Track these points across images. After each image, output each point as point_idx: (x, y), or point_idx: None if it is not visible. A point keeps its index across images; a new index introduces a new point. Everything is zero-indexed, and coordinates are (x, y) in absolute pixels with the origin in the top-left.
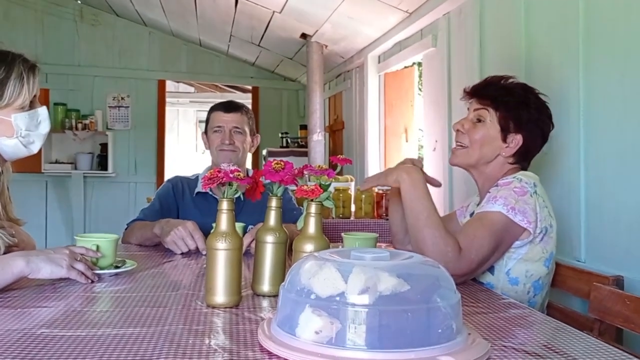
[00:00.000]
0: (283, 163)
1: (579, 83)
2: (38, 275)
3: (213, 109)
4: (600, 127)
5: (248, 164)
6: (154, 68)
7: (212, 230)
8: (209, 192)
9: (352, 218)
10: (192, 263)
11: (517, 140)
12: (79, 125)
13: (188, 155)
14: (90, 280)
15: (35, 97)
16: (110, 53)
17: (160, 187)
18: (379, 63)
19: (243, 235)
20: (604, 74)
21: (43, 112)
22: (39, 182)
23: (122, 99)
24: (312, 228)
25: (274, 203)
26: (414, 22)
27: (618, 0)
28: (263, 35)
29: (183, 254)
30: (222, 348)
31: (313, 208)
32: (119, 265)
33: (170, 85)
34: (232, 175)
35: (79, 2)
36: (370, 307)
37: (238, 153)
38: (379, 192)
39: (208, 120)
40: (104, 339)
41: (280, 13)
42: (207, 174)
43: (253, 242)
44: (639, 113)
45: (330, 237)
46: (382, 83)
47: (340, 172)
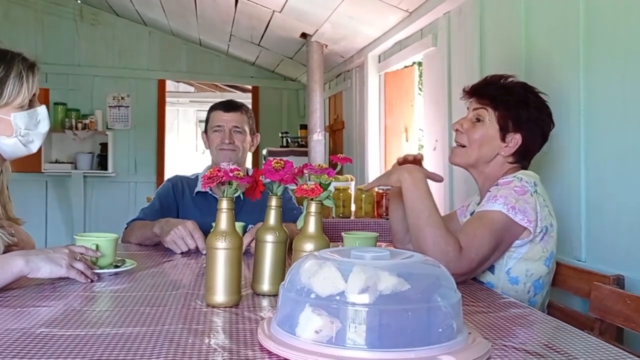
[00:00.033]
0: (283, 162)
1: (580, 83)
2: (37, 275)
3: (213, 109)
4: (601, 128)
5: (248, 164)
6: (154, 68)
7: (212, 230)
8: (209, 191)
9: (352, 217)
10: (191, 262)
11: (516, 140)
12: (79, 125)
13: (188, 155)
14: (90, 280)
15: (35, 96)
16: (110, 53)
17: (160, 186)
18: (379, 62)
19: (243, 235)
20: (605, 75)
21: (42, 111)
22: (39, 181)
23: (122, 99)
24: (312, 227)
25: (274, 202)
26: (414, 21)
27: (619, 1)
28: (263, 35)
29: (183, 254)
30: (222, 347)
31: (313, 207)
32: (119, 265)
33: (170, 85)
34: (231, 174)
35: (79, 1)
36: (371, 306)
37: (238, 152)
38: (379, 191)
39: (208, 120)
40: (104, 339)
41: (280, 12)
42: (206, 173)
43: (253, 241)
44: None
45: (330, 236)
46: (382, 82)
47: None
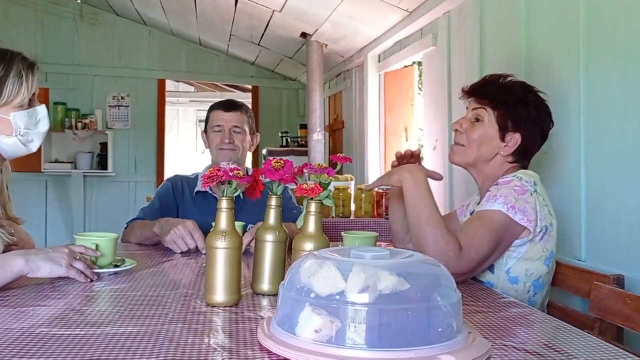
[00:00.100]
0: (283, 162)
1: (580, 83)
2: (37, 274)
3: (213, 108)
4: (601, 127)
5: (248, 164)
6: (154, 67)
7: (211, 229)
8: (209, 191)
9: (352, 217)
10: (191, 262)
11: (515, 139)
12: (79, 125)
13: (188, 155)
14: (90, 280)
15: (35, 95)
16: (110, 52)
17: (160, 186)
18: (379, 62)
19: (243, 235)
20: (605, 74)
21: (42, 110)
22: (39, 181)
23: (122, 99)
24: (312, 227)
25: (274, 202)
26: (414, 21)
27: (619, 1)
28: (263, 35)
29: (183, 253)
30: (221, 347)
31: (313, 207)
32: (119, 265)
33: (170, 85)
34: (231, 174)
35: (79, 1)
36: (371, 306)
37: (238, 152)
38: (379, 191)
39: (208, 120)
40: (103, 338)
41: (281, 12)
42: (206, 173)
43: (253, 241)
44: None
45: (330, 236)
46: (382, 82)
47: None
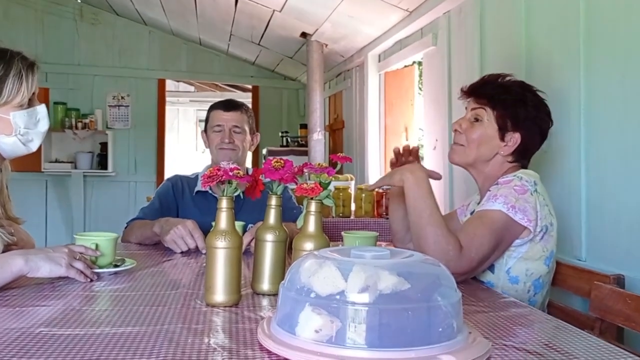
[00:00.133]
0: (283, 161)
1: (580, 82)
2: (37, 274)
3: (213, 108)
4: (601, 127)
5: (248, 163)
6: (154, 67)
7: (211, 229)
8: (209, 190)
9: (352, 217)
10: (191, 262)
11: (515, 139)
12: (79, 125)
13: (188, 155)
14: (90, 279)
15: (34, 95)
16: (110, 52)
17: (160, 186)
18: (379, 62)
19: (243, 234)
20: (605, 74)
21: (42, 110)
22: (39, 181)
23: (122, 98)
24: (312, 226)
25: (274, 201)
26: (414, 20)
27: (619, 1)
28: (263, 34)
29: (183, 253)
30: (221, 347)
31: (313, 206)
32: (118, 264)
33: (170, 85)
34: (231, 173)
35: (79, 1)
36: (371, 305)
37: (238, 152)
38: (379, 191)
39: (208, 119)
40: (103, 338)
41: (281, 12)
42: (206, 172)
43: (253, 240)
44: None
45: (330, 236)
46: (382, 82)
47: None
